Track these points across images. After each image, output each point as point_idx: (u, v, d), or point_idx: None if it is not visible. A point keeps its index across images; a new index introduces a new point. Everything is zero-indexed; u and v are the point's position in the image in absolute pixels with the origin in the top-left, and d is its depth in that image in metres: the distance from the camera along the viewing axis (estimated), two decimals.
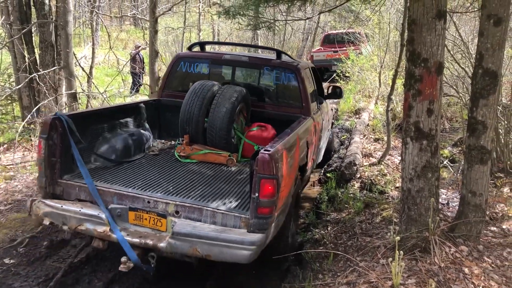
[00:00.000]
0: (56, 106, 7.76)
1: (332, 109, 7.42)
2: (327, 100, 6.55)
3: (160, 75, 7.37)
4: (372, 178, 5.69)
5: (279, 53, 5.35)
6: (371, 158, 6.71)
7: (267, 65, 5.33)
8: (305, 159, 4.41)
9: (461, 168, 5.62)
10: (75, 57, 7.52)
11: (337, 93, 6.45)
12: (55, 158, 3.65)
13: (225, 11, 4.41)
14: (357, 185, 5.80)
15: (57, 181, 3.66)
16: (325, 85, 7.46)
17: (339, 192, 5.49)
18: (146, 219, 3.40)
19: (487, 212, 3.95)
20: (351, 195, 5.36)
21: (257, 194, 3.15)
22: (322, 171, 6.73)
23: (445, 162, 6.07)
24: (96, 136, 4.15)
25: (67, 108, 7.38)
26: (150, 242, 3.19)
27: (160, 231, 3.34)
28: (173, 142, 5.06)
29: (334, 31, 15.38)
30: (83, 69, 9.01)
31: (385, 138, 7.13)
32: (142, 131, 4.79)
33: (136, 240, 3.22)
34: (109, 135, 4.29)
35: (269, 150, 3.21)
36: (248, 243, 3.10)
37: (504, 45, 3.39)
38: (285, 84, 5.30)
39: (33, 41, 8.12)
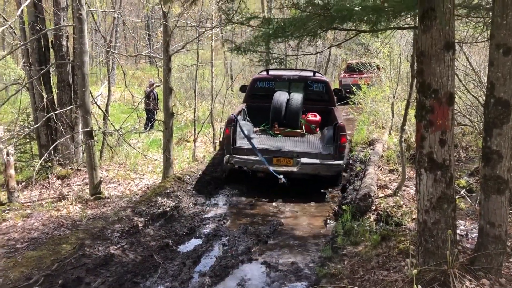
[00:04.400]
0: (72, 144, 7.90)
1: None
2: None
3: (173, 111, 7.49)
4: (388, 210, 5.62)
5: (314, 72, 9.94)
6: (386, 189, 6.64)
7: (308, 80, 9.30)
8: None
9: (478, 198, 5.52)
10: (92, 96, 7.70)
11: (340, 96, 10.12)
12: (233, 135, 7.40)
13: (236, 47, 4.51)
14: (373, 217, 5.73)
15: (234, 147, 7.41)
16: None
17: (355, 225, 5.42)
18: (282, 160, 7.24)
19: (508, 243, 3.85)
20: (367, 227, 5.29)
21: (339, 142, 7.18)
22: (337, 204, 6.67)
23: (462, 192, 5.97)
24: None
25: (83, 146, 7.51)
26: (288, 169, 7.13)
27: (289, 165, 7.18)
28: (258, 128, 8.79)
29: (354, 61, 17.08)
30: (99, 107, 9.20)
31: (400, 169, 7.07)
32: (248, 122, 8.60)
33: (281, 169, 7.09)
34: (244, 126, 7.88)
35: (342, 122, 7.44)
36: (336, 164, 7.14)
37: None
38: (320, 90, 9.26)
39: (51, 81, 8.37)
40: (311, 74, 9.64)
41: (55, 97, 8.28)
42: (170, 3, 7.00)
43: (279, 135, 8.38)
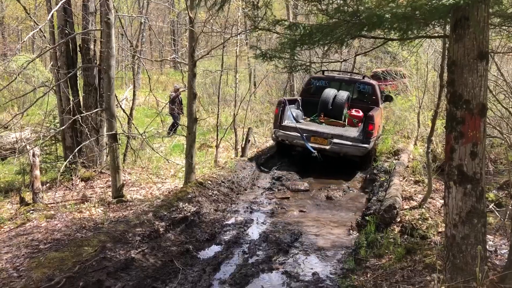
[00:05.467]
0: (97, 146, 8.00)
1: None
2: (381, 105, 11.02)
3: (197, 116, 7.51)
4: (413, 222, 5.48)
5: (364, 76, 11.72)
6: (411, 201, 6.49)
7: (357, 82, 11.16)
8: (380, 122, 10.27)
9: (508, 213, 5.34)
10: (117, 99, 7.78)
11: (388, 98, 11.62)
12: (281, 115, 9.39)
13: (262, 54, 4.47)
14: (397, 229, 5.59)
15: (281, 124, 9.32)
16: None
17: (379, 237, 5.30)
18: (318, 140, 9.02)
19: None
20: (391, 240, 5.16)
21: (367, 128, 8.88)
22: (361, 214, 6.55)
23: (490, 206, 5.79)
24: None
25: (107, 149, 7.58)
26: (321, 147, 8.92)
27: (323, 144, 8.92)
28: (308, 118, 10.52)
29: (379, 69, 17.49)
30: (124, 110, 9.29)
31: (426, 181, 6.90)
32: (300, 111, 10.44)
33: (316, 146, 8.90)
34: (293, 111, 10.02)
35: (372, 113, 9.05)
36: (362, 146, 8.83)
37: None
38: (366, 91, 10.87)
39: (78, 84, 8.50)
40: (360, 77, 11.60)
41: (81, 100, 8.40)
42: (196, 9, 7.02)
43: (323, 123, 10.16)
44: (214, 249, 5.50)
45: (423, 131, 10.31)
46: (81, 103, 8.35)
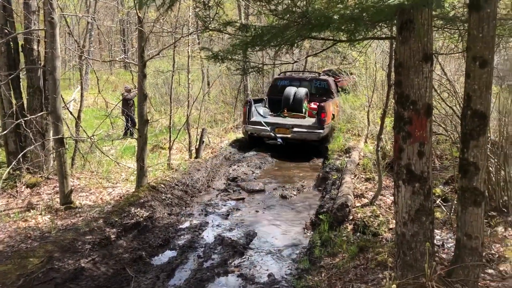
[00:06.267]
0: (42, 151, 7.64)
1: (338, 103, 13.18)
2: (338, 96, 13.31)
3: (148, 118, 7.34)
4: (365, 220, 5.59)
5: (319, 74, 14.02)
6: (363, 198, 6.63)
7: (315, 79, 13.09)
8: (333, 111, 11.70)
9: (454, 207, 5.55)
10: (63, 102, 7.46)
11: (343, 89, 13.97)
12: (248, 113, 11.17)
13: (214, 55, 4.41)
14: (350, 227, 5.69)
15: (248, 120, 11.11)
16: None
17: (332, 235, 5.37)
18: (281, 130, 10.89)
19: (483, 254, 3.86)
20: (344, 238, 5.24)
21: (320, 116, 10.74)
22: (315, 213, 6.62)
23: (437, 202, 6.00)
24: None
25: (54, 154, 7.26)
26: (285, 135, 10.85)
27: (286, 133, 10.81)
28: (274, 113, 12.32)
29: (328, 68, 18.61)
30: (71, 113, 8.93)
31: (376, 178, 7.07)
32: (266, 108, 12.19)
33: (280, 135, 10.82)
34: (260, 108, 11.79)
35: (323, 104, 10.93)
36: (318, 132, 10.71)
37: (491, 86, 3.40)
38: (323, 86, 12.85)
39: (21, 86, 8.08)
40: (317, 75, 13.81)
41: (25, 102, 8.00)
42: (145, 8, 6.86)
43: (286, 117, 11.95)
44: (168, 254, 5.39)
45: (373, 129, 10.57)
46: (25, 106, 7.95)
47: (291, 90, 12.28)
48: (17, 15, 8.64)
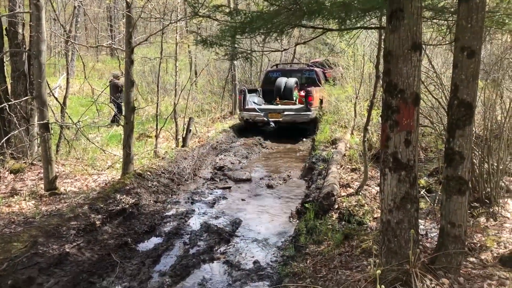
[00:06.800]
0: (27, 136, 7.54)
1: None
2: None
3: (135, 105, 7.27)
4: (350, 209, 5.64)
5: (308, 65, 15.91)
6: (348, 188, 6.68)
7: (303, 70, 14.70)
8: (320, 96, 12.94)
9: (438, 198, 5.63)
10: (49, 87, 7.35)
11: (333, 79, 14.05)
12: (243, 101, 12.72)
13: (202, 40, 4.39)
14: (335, 216, 5.73)
15: (244, 108, 12.71)
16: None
17: (318, 224, 5.41)
18: (273, 115, 12.42)
19: (466, 243, 3.92)
20: (330, 226, 5.29)
21: (307, 100, 12.35)
22: (301, 202, 6.66)
23: (422, 192, 6.07)
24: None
25: (38, 139, 7.16)
26: (277, 119, 12.40)
27: (278, 117, 12.37)
28: (267, 102, 13.59)
29: (315, 60, 19.77)
30: (56, 99, 8.80)
31: (362, 168, 7.13)
32: (261, 98, 13.69)
33: (272, 120, 12.34)
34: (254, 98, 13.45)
35: (310, 89, 12.68)
36: (306, 114, 12.35)
37: (478, 76, 3.44)
38: (311, 76, 14.13)
39: (5, 71, 7.94)
40: (306, 66, 15.63)
41: (9, 87, 7.87)
42: None
43: (279, 104, 13.44)
44: (153, 241, 5.39)
45: (359, 120, 10.63)
46: (9, 91, 7.82)
47: (282, 80, 13.71)
48: None
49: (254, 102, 13.09)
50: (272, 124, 12.39)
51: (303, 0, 3.30)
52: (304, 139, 12.18)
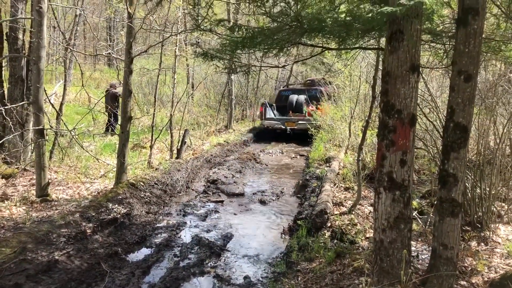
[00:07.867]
0: (21, 142, 7.50)
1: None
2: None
3: (132, 115, 7.28)
4: (342, 228, 5.64)
5: (314, 84, 17.67)
6: (341, 207, 6.68)
7: (309, 89, 17.32)
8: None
9: (429, 220, 5.65)
10: (46, 93, 7.35)
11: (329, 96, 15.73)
12: (264, 112, 16.09)
13: (203, 53, 4.42)
14: (327, 234, 5.72)
15: (265, 117, 16.09)
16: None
17: (310, 241, 5.40)
18: (289, 123, 15.56)
19: (457, 266, 3.93)
20: (322, 244, 5.27)
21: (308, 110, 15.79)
22: (293, 219, 6.65)
23: (414, 214, 6.09)
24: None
25: (32, 145, 7.13)
26: (292, 127, 15.49)
27: (293, 126, 15.48)
28: (281, 115, 16.71)
29: (311, 78, 20.82)
30: (53, 105, 8.79)
31: (355, 188, 7.14)
32: (276, 111, 16.96)
33: (289, 127, 15.49)
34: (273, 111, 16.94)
35: (312, 107, 15.81)
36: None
37: (474, 100, 3.49)
38: (315, 94, 16.37)
39: (3, 75, 7.94)
40: (312, 86, 17.58)
41: (5, 92, 7.86)
42: (136, 3, 6.83)
43: (292, 116, 15.97)
44: (144, 252, 5.34)
45: (353, 140, 10.69)
46: (6, 95, 7.81)
47: (293, 97, 16.85)
48: (4, 3, 8.51)
49: (273, 113, 16.50)
50: (289, 130, 15.36)
51: (305, 17, 3.35)
52: (306, 147, 13.94)
